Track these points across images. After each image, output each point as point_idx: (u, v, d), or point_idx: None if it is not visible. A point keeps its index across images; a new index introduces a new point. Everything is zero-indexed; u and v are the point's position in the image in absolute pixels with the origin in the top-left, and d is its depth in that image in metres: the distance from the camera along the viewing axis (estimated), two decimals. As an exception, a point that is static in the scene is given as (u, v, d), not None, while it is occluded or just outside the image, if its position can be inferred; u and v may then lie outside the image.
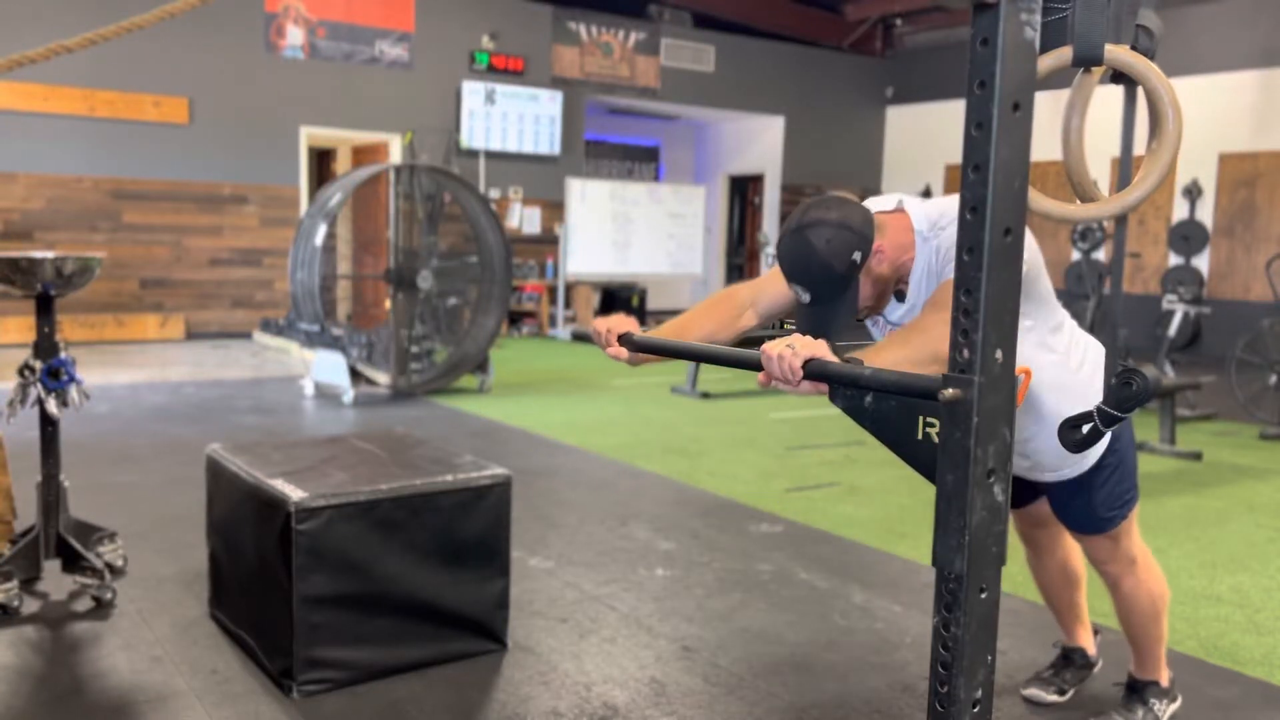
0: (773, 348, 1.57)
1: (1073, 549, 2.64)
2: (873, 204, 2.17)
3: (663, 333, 2.18)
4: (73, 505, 3.45)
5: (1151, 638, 2.49)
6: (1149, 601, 2.43)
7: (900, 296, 2.10)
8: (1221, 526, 4.46)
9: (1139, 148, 1.80)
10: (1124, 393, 1.72)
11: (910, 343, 1.79)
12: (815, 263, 1.92)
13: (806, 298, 1.97)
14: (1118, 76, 1.77)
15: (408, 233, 7.45)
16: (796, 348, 1.55)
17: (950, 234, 1.98)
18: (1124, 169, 1.78)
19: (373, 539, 2.67)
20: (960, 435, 1.21)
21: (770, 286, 2.23)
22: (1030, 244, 2.01)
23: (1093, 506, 2.30)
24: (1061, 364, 2.20)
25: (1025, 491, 2.46)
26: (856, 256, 1.93)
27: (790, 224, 1.99)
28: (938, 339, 1.77)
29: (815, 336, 1.95)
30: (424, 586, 2.77)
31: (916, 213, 2.06)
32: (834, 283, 1.93)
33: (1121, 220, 1.81)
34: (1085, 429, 1.80)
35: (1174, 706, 2.58)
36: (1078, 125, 1.89)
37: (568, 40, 12.35)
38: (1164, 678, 2.56)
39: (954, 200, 2.08)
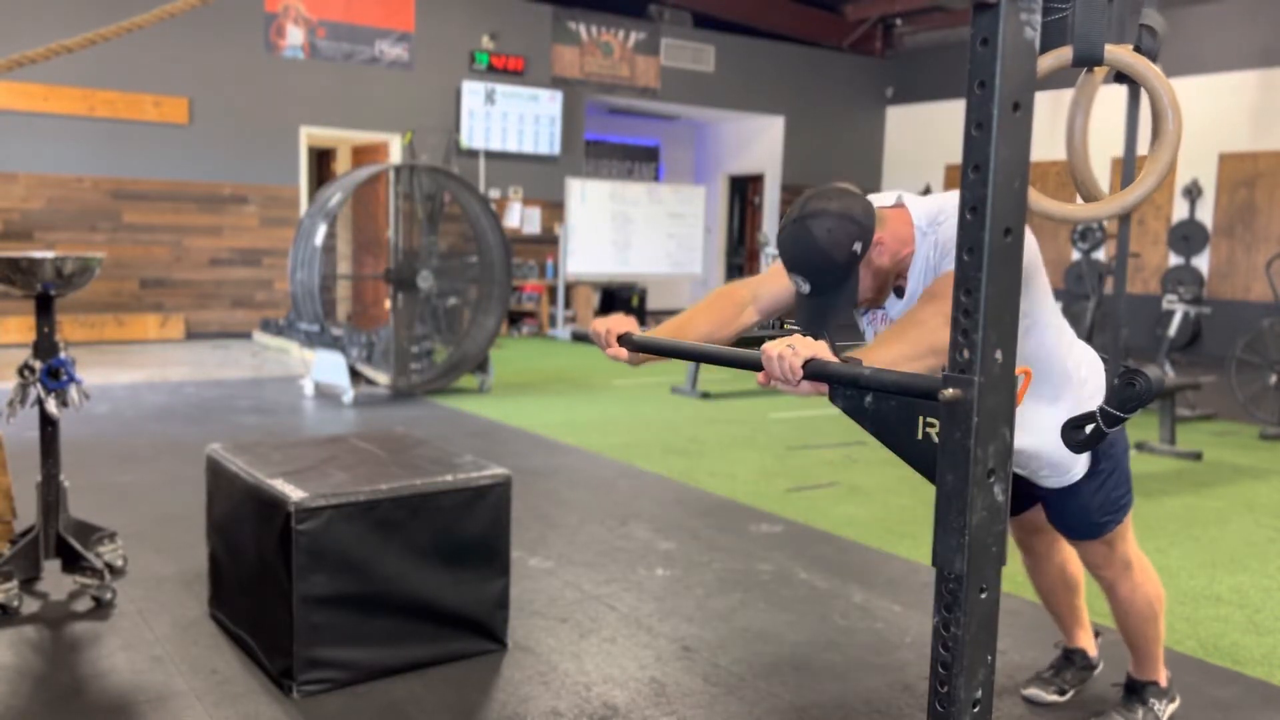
0: (773, 348, 1.57)
1: (1070, 554, 2.64)
2: (873, 199, 2.16)
3: (662, 331, 2.18)
4: (73, 505, 3.45)
5: (1149, 639, 2.50)
6: (1145, 604, 2.44)
7: (899, 292, 2.10)
8: (1221, 526, 4.46)
9: (1143, 147, 1.80)
10: (1127, 393, 1.72)
11: (907, 336, 1.79)
12: (816, 252, 1.92)
13: (806, 288, 1.97)
14: (1122, 76, 1.77)
15: (408, 233, 7.45)
16: (797, 348, 1.55)
17: (949, 228, 1.98)
18: (1127, 169, 1.78)
19: (373, 539, 2.67)
20: (960, 435, 1.21)
21: (770, 282, 2.22)
22: (1030, 244, 2.00)
23: (1088, 512, 2.30)
24: (1060, 367, 2.20)
25: (1021, 499, 2.46)
26: (857, 247, 1.93)
27: (791, 214, 1.98)
28: (934, 330, 1.77)
29: (814, 327, 1.94)
30: (424, 586, 2.77)
31: (916, 208, 2.06)
32: (834, 273, 1.93)
33: (1124, 220, 1.81)
34: (1088, 429, 1.80)
35: (1173, 706, 2.59)
36: (1082, 125, 1.89)
37: (568, 40, 12.35)
38: (1162, 678, 2.56)
39: (954, 196, 2.07)
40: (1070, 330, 2.26)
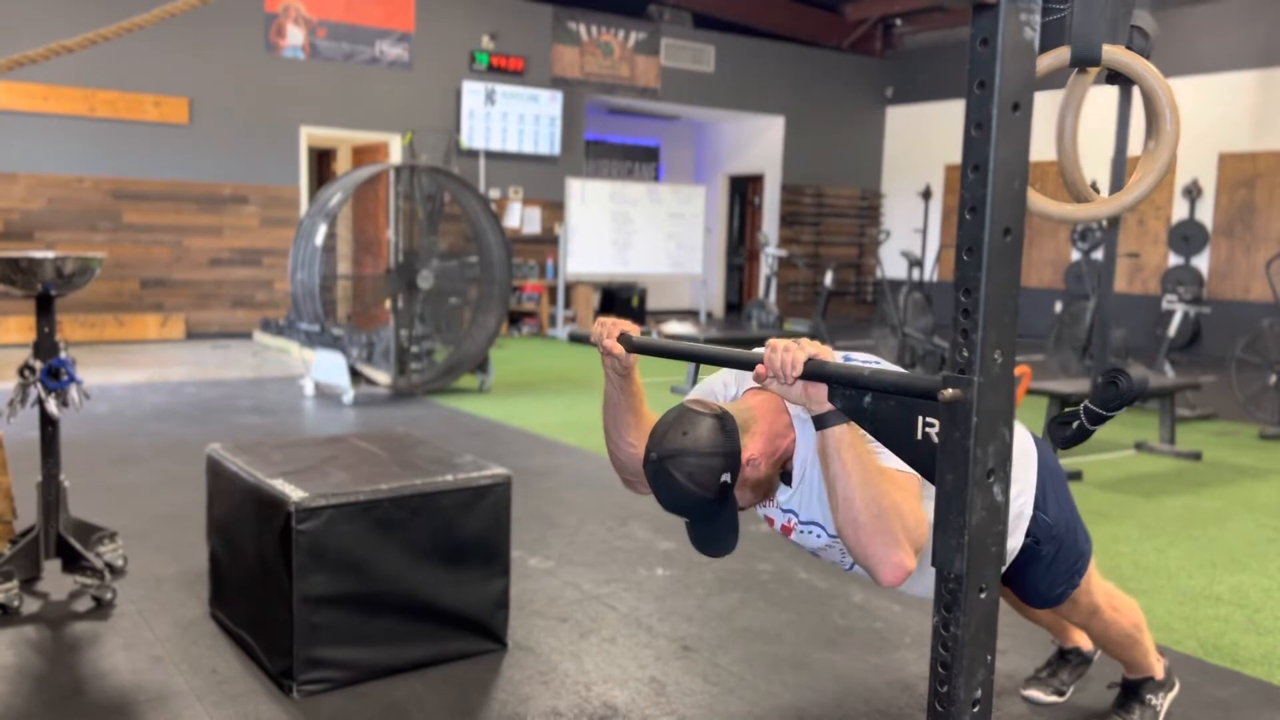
0: (779, 341, 1.58)
1: None
2: (736, 378, 2.03)
3: (630, 391, 2.05)
4: (73, 505, 3.45)
5: (1134, 655, 2.51)
6: (1121, 634, 2.44)
7: (786, 478, 1.95)
8: (1221, 526, 4.46)
9: (1134, 148, 1.80)
10: (1109, 392, 1.72)
11: (900, 507, 1.68)
12: (685, 496, 1.77)
13: (688, 519, 1.86)
14: (1113, 77, 1.77)
15: (408, 233, 7.46)
16: (802, 344, 1.56)
17: None
18: (1117, 169, 1.78)
19: (373, 539, 2.67)
20: (960, 435, 1.21)
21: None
22: None
23: (1041, 592, 2.27)
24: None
25: None
26: (726, 478, 1.77)
27: (649, 450, 1.81)
28: (908, 517, 1.68)
29: (703, 549, 1.84)
30: (424, 586, 2.77)
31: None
32: (709, 505, 1.80)
33: (1114, 222, 1.81)
34: (1074, 425, 1.80)
35: (1172, 694, 2.59)
36: (1071, 125, 1.90)
37: (568, 40, 12.35)
38: (1158, 670, 2.56)
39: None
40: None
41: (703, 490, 1.76)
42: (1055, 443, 1.84)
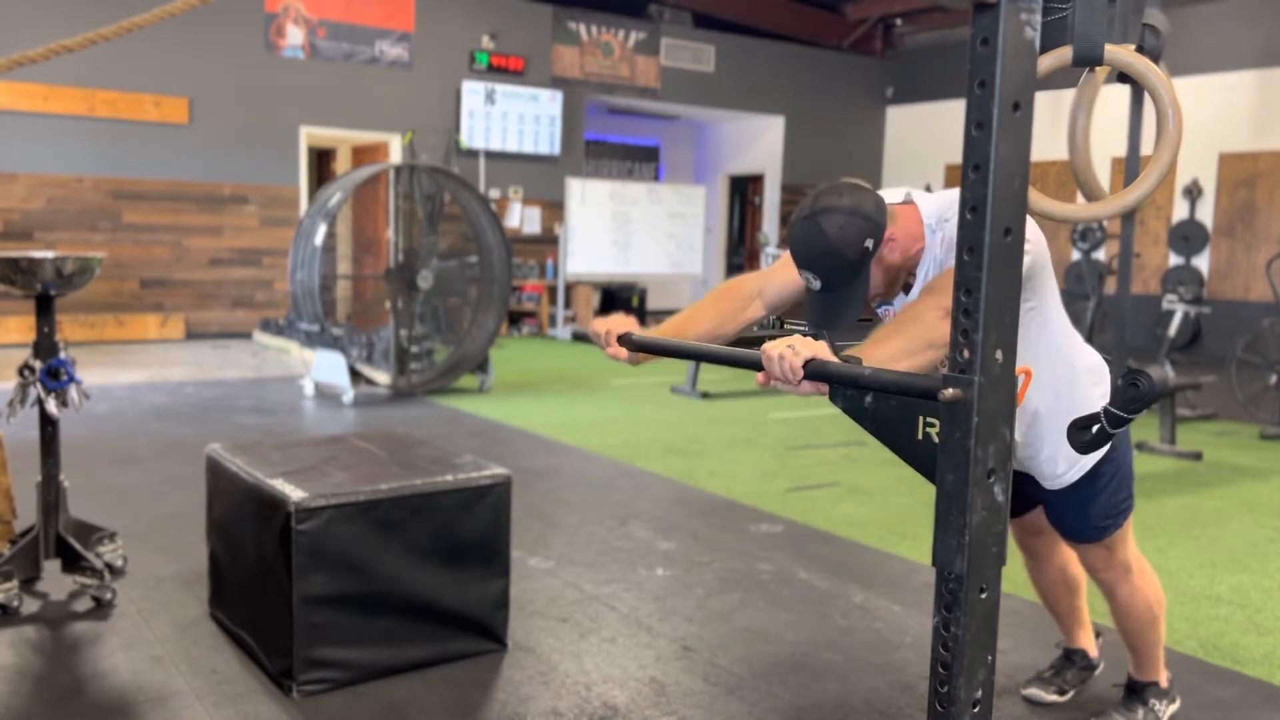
0: (773, 348, 1.57)
1: (1071, 556, 2.63)
2: (883, 195, 2.15)
3: (667, 328, 2.16)
4: (73, 505, 3.45)
5: (1149, 641, 2.50)
6: (1145, 608, 2.44)
7: (908, 289, 2.08)
8: (1221, 526, 4.46)
9: (1147, 147, 1.79)
10: (1130, 394, 1.71)
11: (904, 332, 1.78)
12: (827, 249, 1.90)
13: (817, 284, 1.95)
14: (1125, 75, 1.76)
15: (408, 232, 7.45)
16: (797, 347, 1.55)
17: (954, 225, 1.96)
18: (1130, 168, 1.78)
19: (373, 539, 2.67)
20: (960, 435, 1.21)
21: (779, 274, 2.21)
22: (1039, 240, 1.99)
23: (1088, 516, 2.30)
24: (1067, 365, 2.19)
25: (1022, 501, 2.46)
26: (869, 244, 1.91)
27: (802, 210, 1.95)
28: (932, 325, 1.76)
29: (825, 324, 1.93)
30: (424, 586, 2.76)
31: (926, 205, 2.05)
32: (845, 270, 1.91)
33: (1128, 218, 1.80)
34: (1094, 429, 1.79)
35: (1173, 707, 2.59)
36: (1083, 124, 1.89)
37: (568, 40, 12.35)
38: (1163, 679, 2.56)
39: (958, 191, 2.06)
40: (1077, 334, 2.26)
41: (846, 248, 1.89)
42: (1076, 448, 1.84)
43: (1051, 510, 2.38)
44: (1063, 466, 2.24)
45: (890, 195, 2.12)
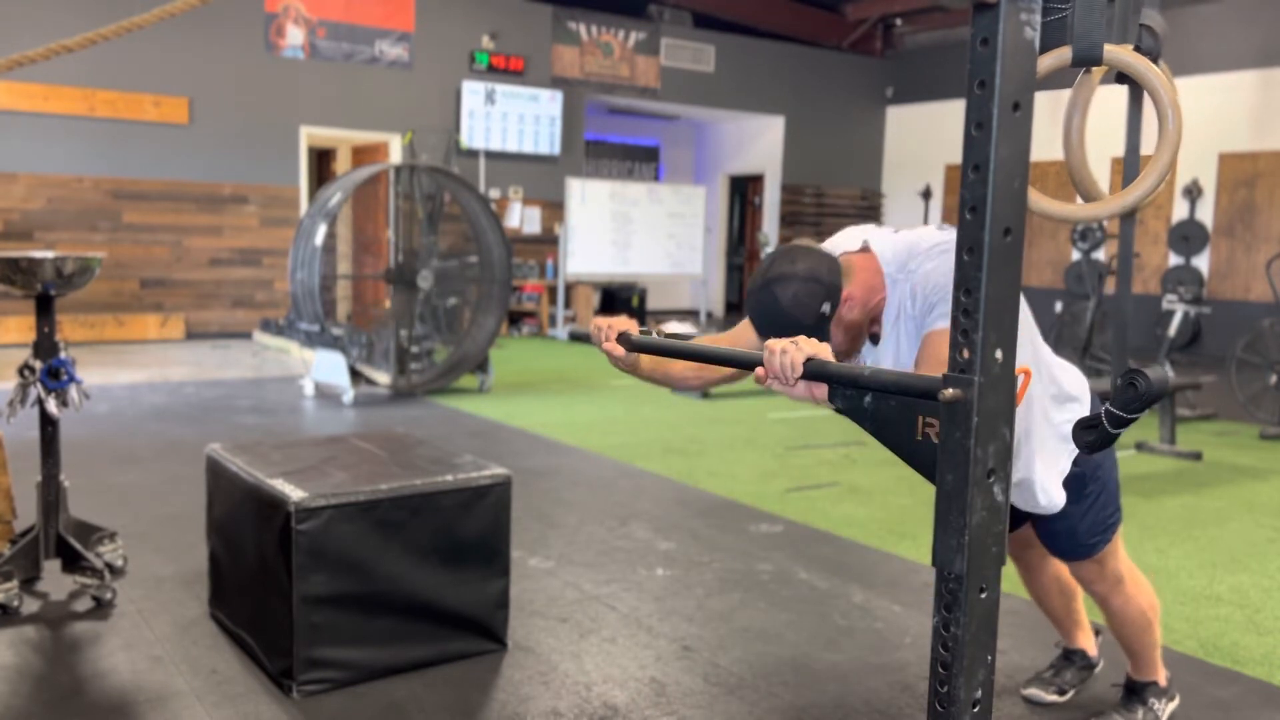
0: (776, 343, 1.58)
1: (1063, 564, 2.64)
2: (839, 242, 2.14)
3: (646, 361, 2.15)
4: (73, 505, 3.45)
5: (1145, 645, 2.51)
6: (1139, 614, 2.45)
7: (874, 339, 2.07)
8: (1221, 526, 4.46)
9: (1146, 147, 1.79)
10: (1129, 394, 1.71)
11: None
12: (784, 318, 1.90)
13: None
14: (1122, 76, 1.76)
15: (408, 233, 7.45)
16: (801, 345, 1.56)
17: (923, 273, 1.95)
18: (1129, 169, 1.78)
19: (373, 539, 2.67)
20: (960, 435, 1.21)
21: (744, 336, 2.19)
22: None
23: (1077, 534, 2.31)
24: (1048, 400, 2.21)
25: (1013, 516, 2.45)
26: (825, 308, 1.91)
27: (756, 279, 1.95)
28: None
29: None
30: (424, 586, 2.77)
31: (884, 252, 2.04)
32: (804, 334, 1.86)
33: (1128, 219, 1.80)
34: (1097, 429, 1.79)
35: (1172, 705, 2.59)
36: (1079, 125, 1.89)
37: (568, 40, 12.35)
38: (1161, 677, 2.57)
39: (920, 234, 2.05)
40: (1057, 359, 2.27)
41: (802, 315, 1.89)
42: (1080, 448, 1.85)
43: (1041, 530, 2.38)
44: (1043, 498, 2.23)
45: (846, 241, 2.11)
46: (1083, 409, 2.23)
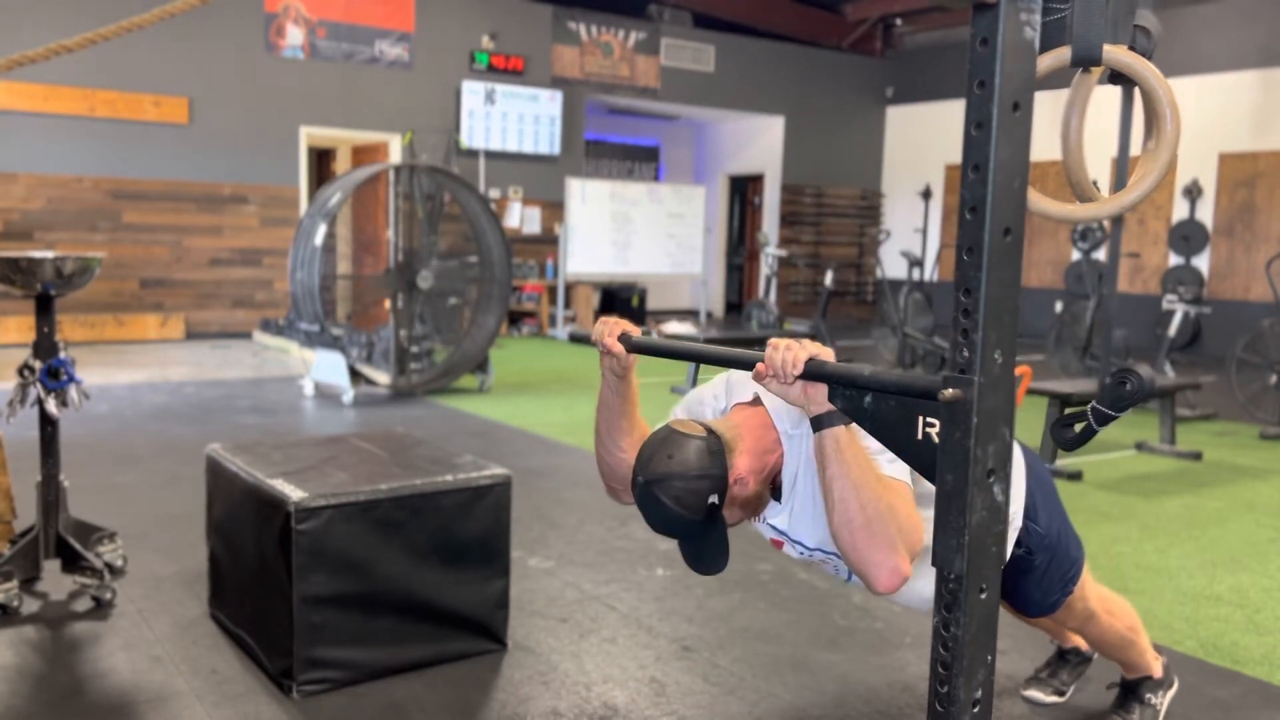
0: (780, 340, 1.59)
1: None
2: (733, 383, 2.04)
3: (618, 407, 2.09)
4: (73, 505, 3.45)
5: (1131, 655, 2.51)
6: (1117, 636, 2.45)
7: (777, 494, 1.95)
8: (1221, 526, 4.46)
9: (1135, 148, 1.79)
10: (1118, 392, 1.71)
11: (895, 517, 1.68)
12: (672, 519, 1.79)
13: (676, 540, 1.88)
14: (1116, 77, 1.76)
15: (407, 232, 7.45)
16: (805, 344, 1.57)
17: None
18: (1121, 169, 1.78)
19: (373, 539, 2.67)
20: (960, 435, 1.21)
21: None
22: None
23: (1034, 600, 2.27)
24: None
25: None
26: (713, 500, 1.78)
27: (636, 473, 1.82)
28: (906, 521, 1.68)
29: (696, 568, 1.85)
30: (424, 586, 2.77)
31: (775, 407, 1.91)
32: (697, 527, 1.81)
33: (1118, 222, 1.81)
34: (1078, 427, 1.79)
35: (1172, 692, 2.59)
36: (1076, 125, 1.89)
37: (568, 40, 12.35)
38: (1156, 669, 2.57)
39: None
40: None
41: (690, 513, 1.77)
42: (1060, 444, 1.84)
43: (1003, 598, 2.30)
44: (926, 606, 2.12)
45: (738, 389, 2.00)
46: (1020, 488, 2.14)
